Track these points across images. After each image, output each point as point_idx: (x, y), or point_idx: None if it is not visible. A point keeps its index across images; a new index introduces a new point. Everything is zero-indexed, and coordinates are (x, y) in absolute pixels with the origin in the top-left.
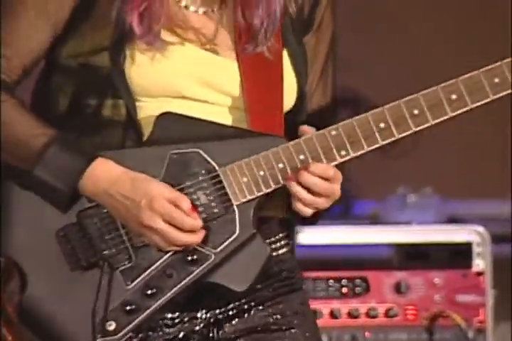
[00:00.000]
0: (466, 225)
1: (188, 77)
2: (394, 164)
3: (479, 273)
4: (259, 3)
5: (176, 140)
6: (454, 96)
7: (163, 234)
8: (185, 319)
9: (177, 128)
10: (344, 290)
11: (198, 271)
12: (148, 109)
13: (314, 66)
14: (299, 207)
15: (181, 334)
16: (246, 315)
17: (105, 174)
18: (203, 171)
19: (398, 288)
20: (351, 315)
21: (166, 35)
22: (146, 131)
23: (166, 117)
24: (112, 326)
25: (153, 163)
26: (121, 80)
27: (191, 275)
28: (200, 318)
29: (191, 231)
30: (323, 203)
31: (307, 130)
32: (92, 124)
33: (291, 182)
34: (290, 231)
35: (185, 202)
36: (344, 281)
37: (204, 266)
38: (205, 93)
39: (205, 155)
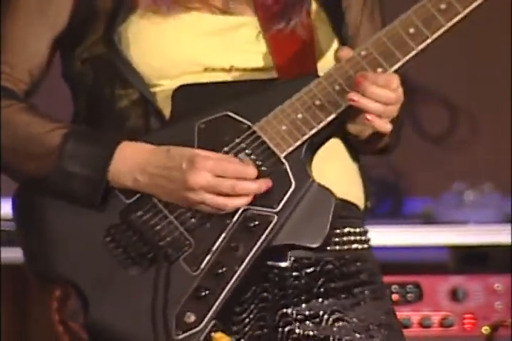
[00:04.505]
0: None
1: (199, 44)
2: (449, 157)
3: None
4: None
5: (200, 110)
6: None
7: (220, 188)
8: (252, 321)
9: (198, 98)
10: (395, 297)
11: (264, 235)
12: (167, 92)
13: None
14: (376, 123)
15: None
16: (324, 322)
17: (136, 154)
18: (238, 132)
19: (454, 295)
20: (403, 324)
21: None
22: (167, 112)
23: (182, 90)
24: (191, 317)
25: (182, 138)
26: (122, 62)
27: (259, 242)
28: (270, 318)
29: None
30: (394, 111)
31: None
32: (111, 120)
33: (356, 96)
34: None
35: (233, 157)
36: (395, 287)
37: (269, 228)
38: (228, 57)
39: (235, 116)
